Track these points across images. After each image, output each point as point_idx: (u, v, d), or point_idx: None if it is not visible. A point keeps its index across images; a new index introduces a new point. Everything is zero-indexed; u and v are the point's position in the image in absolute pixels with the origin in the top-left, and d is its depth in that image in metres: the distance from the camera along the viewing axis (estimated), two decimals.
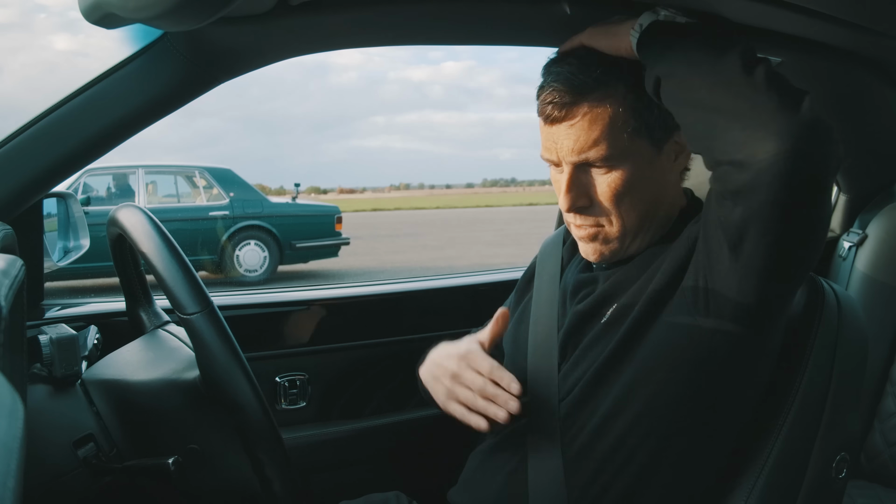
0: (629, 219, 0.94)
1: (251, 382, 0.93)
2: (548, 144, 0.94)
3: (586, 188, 0.93)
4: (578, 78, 0.90)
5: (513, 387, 0.88)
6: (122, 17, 0.78)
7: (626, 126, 0.90)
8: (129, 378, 1.02)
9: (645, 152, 0.93)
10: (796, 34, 1.29)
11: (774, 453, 0.95)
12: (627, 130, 0.91)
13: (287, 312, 1.43)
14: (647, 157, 0.93)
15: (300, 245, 7.71)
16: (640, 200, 0.94)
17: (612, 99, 0.90)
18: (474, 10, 1.10)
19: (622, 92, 0.90)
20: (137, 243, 0.96)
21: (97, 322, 1.21)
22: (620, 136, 0.90)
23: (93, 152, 1.08)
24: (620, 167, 0.91)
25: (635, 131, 0.91)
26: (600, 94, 0.89)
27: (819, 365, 0.98)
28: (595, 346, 0.95)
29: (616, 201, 0.92)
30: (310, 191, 24.66)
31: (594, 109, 0.89)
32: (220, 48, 1.07)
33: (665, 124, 0.93)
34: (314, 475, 1.38)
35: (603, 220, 0.95)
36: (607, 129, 0.89)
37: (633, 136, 0.91)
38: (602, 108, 0.89)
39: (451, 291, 1.60)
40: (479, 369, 0.91)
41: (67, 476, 0.94)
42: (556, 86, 0.90)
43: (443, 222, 18.10)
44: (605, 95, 0.89)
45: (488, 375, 0.90)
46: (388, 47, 1.21)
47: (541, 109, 0.93)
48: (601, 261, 0.99)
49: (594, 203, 0.94)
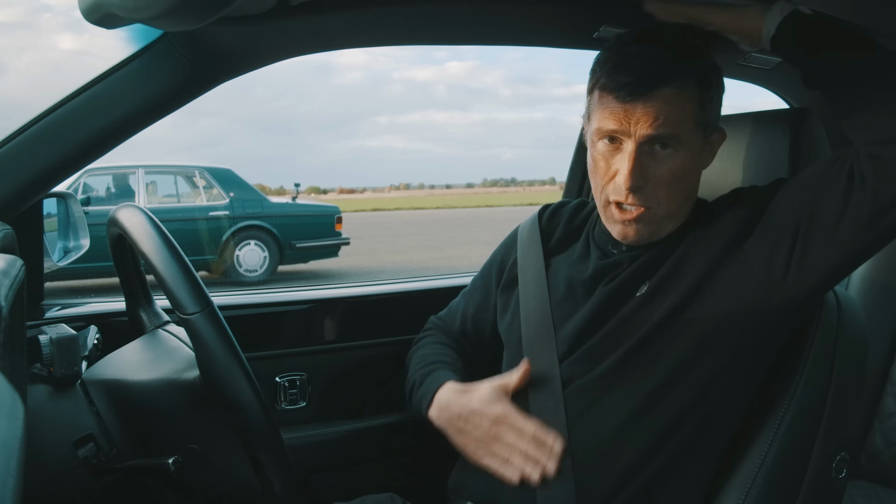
0: (675, 203, 0.98)
1: (251, 382, 0.93)
2: (616, 118, 0.94)
3: (646, 169, 0.95)
4: (663, 60, 0.92)
5: (556, 448, 0.92)
6: (122, 17, 0.79)
7: (694, 115, 0.95)
8: (129, 378, 1.01)
9: (698, 143, 0.97)
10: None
11: (773, 452, 0.95)
12: (695, 119, 0.95)
13: (287, 312, 1.43)
14: (698, 149, 0.98)
15: (300, 245, 7.71)
16: (685, 188, 0.98)
17: (690, 88, 0.94)
18: (475, 10, 1.10)
19: (696, 83, 0.94)
20: (137, 243, 0.96)
21: (97, 322, 1.21)
22: (690, 123, 0.94)
23: (93, 152, 1.08)
24: (681, 153, 0.95)
25: (698, 122, 0.96)
26: (682, 82, 0.93)
27: (819, 365, 0.98)
28: (634, 318, 0.97)
29: (670, 184, 0.96)
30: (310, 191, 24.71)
31: (676, 95, 0.92)
32: (220, 48, 1.07)
33: (714, 121, 0.99)
34: (314, 475, 1.38)
35: (652, 202, 0.96)
36: (683, 113, 0.93)
37: (696, 126, 0.96)
38: (682, 94, 0.93)
39: (451, 291, 1.59)
40: (521, 432, 0.95)
41: (67, 476, 0.94)
42: (641, 66, 0.92)
43: (443, 222, 18.11)
44: (684, 84, 0.93)
45: (532, 438, 0.94)
46: (394, 47, 1.21)
47: (616, 85, 0.93)
48: (636, 242, 1.01)
49: (647, 185, 0.95)
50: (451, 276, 1.67)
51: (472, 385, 1.02)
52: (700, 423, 0.94)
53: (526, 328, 1.06)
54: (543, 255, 1.12)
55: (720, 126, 1.02)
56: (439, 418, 1.04)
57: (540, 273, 1.09)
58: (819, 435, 0.97)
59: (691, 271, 0.96)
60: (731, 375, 0.94)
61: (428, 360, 1.16)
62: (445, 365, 1.12)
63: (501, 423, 0.96)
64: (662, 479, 0.93)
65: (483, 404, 0.98)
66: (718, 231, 0.97)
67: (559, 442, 0.92)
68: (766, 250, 0.93)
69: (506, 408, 0.97)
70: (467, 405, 1.00)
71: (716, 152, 1.03)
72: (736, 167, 1.15)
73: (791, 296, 0.92)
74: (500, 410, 0.97)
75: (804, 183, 0.93)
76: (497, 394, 0.98)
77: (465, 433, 1.00)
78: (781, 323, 0.95)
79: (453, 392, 1.03)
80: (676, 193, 0.97)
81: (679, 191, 0.97)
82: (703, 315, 0.93)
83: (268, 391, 1.39)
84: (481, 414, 0.98)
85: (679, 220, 1.01)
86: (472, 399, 1.00)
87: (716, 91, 0.98)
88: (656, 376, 0.94)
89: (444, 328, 1.27)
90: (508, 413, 0.96)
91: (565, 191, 1.71)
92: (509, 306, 1.13)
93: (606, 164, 0.97)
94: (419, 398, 1.09)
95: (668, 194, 0.96)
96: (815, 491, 0.96)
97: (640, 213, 0.96)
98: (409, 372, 1.17)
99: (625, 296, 0.99)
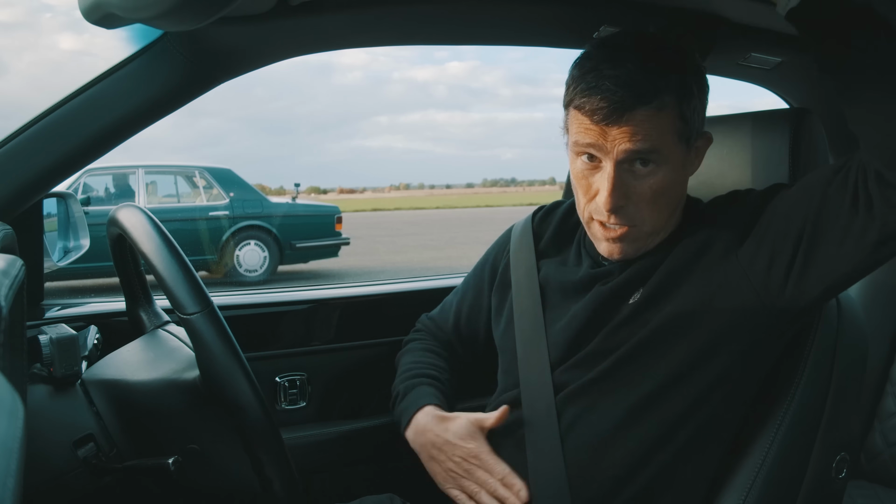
0: (660, 218, 0.96)
1: (251, 382, 0.93)
2: (592, 135, 0.91)
3: (627, 188, 0.93)
4: (637, 83, 0.88)
5: (521, 494, 0.93)
6: (121, 17, 0.79)
7: (675, 131, 0.92)
8: (129, 378, 1.01)
9: (681, 155, 0.94)
10: (796, 34, 1.29)
11: (773, 452, 0.95)
12: (676, 135, 0.92)
13: (287, 312, 1.43)
14: (681, 160, 0.95)
15: (300, 245, 7.71)
16: (670, 202, 0.96)
17: (668, 107, 0.90)
18: (475, 10, 1.10)
19: (675, 99, 0.91)
20: (137, 243, 0.96)
21: (97, 322, 1.21)
22: (670, 137, 0.92)
23: (93, 152, 1.08)
24: (663, 167, 0.92)
25: (680, 135, 0.93)
26: (657, 102, 0.89)
27: (819, 365, 0.98)
28: (627, 325, 0.96)
29: (653, 201, 0.94)
30: (310, 191, 24.64)
31: (653, 116, 0.89)
32: (220, 48, 1.07)
33: (699, 129, 0.96)
34: (314, 475, 1.38)
35: (637, 220, 0.95)
36: (662, 129, 0.90)
37: (678, 139, 0.93)
38: (660, 113, 0.90)
39: (450, 292, 1.60)
40: (491, 472, 0.96)
41: (67, 476, 0.93)
42: (615, 90, 0.88)
43: (443, 222, 18.10)
44: (662, 104, 0.90)
45: (500, 480, 0.95)
46: (394, 47, 1.21)
47: (590, 110, 0.90)
48: (622, 258, 0.99)
49: (630, 203, 0.94)
50: (451, 276, 1.67)
51: (450, 415, 1.03)
52: (698, 427, 0.93)
53: (520, 335, 1.06)
54: (535, 259, 1.11)
55: (705, 130, 0.99)
56: (414, 441, 1.06)
57: (532, 279, 1.09)
58: (819, 435, 0.97)
59: (685, 278, 0.94)
60: (728, 380, 0.94)
61: (414, 370, 1.16)
62: (430, 381, 1.13)
63: (473, 460, 0.97)
64: (660, 482, 0.93)
65: (457, 438, 0.99)
66: (713, 236, 0.96)
67: (524, 490, 0.93)
68: (763, 259, 0.91)
69: (479, 445, 0.98)
70: (442, 435, 1.01)
71: (703, 156, 1.00)
72: (736, 167, 1.15)
73: (788, 306, 0.91)
74: (474, 447, 0.98)
75: (805, 193, 0.89)
76: (472, 429, 0.99)
77: (436, 461, 1.02)
78: (777, 330, 0.94)
79: (431, 418, 1.04)
80: (661, 209, 0.95)
81: (664, 206, 0.95)
82: (698, 322, 0.92)
83: (268, 391, 1.39)
84: (454, 446, 0.99)
85: (668, 230, 1.00)
86: (448, 430, 1.01)
87: (698, 100, 0.94)
88: (651, 383, 0.93)
89: (436, 329, 1.27)
90: (481, 451, 0.97)
91: (565, 191, 1.71)
92: (503, 311, 1.13)
93: (587, 183, 0.95)
94: (399, 413, 1.11)
95: (651, 211, 0.94)
96: (815, 491, 0.96)
97: (624, 232, 0.95)
98: (396, 379, 1.18)
99: (617, 304, 0.98)
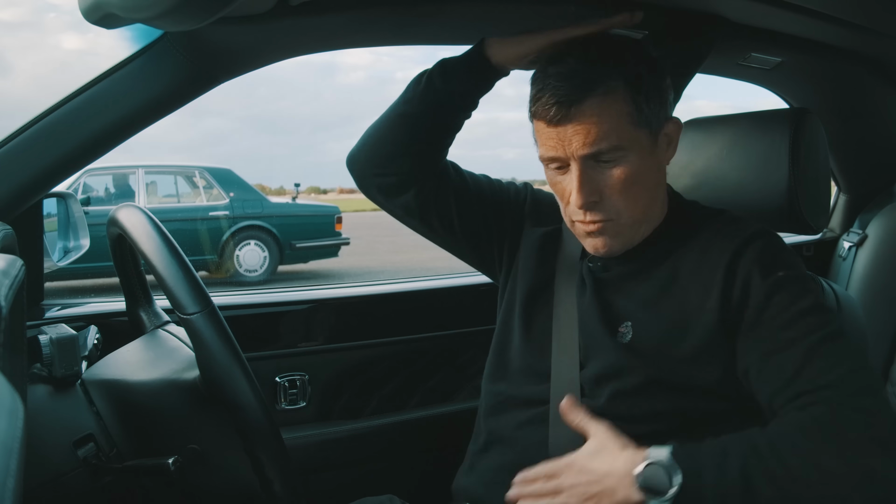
0: (637, 209, 0.96)
1: (251, 382, 0.93)
2: (552, 144, 0.94)
3: (596, 183, 0.94)
4: (581, 76, 0.90)
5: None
6: (122, 17, 0.79)
7: (630, 117, 0.92)
8: (129, 378, 1.02)
9: (645, 142, 0.95)
10: (796, 34, 1.29)
11: None
12: (631, 121, 0.92)
13: (287, 312, 1.43)
14: (648, 147, 0.95)
15: (300, 245, 7.70)
16: (645, 190, 0.96)
17: (616, 93, 0.91)
18: (476, 10, 1.10)
19: (623, 85, 0.92)
20: (137, 243, 0.96)
21: (97, 322, 1.21)
22: (626, 127, 0.92)
23: (93, 152, 1.09)
24: (627, 158, 0.93)
25: (637, 122, 0.93)
26: (604, 88, 0.90)
27: None
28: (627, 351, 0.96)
29: (624, 191, 0.94)
30: (310, 191, 24.57)
31: (601, 104, 0.90)
32: (220, 48, 1.07)
33: (658, 115, 0.96)
34: (314, 475, 1.38)
35: (612, 214, 0.96)
36: (614, 121, 0.91)
37: (636, 126, 0.93)
38: (608, 102, 0.91)
39: (451, 291, 1.60)
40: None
41: (67, 476, 0.94)
42: (559, 86, 0.91)
43: None
44: (609, 90, 0.91)
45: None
46: (397, 48, 1.21)
47: (542, 112, 0.92)
48: (609, 253, 0.99)
49: (603, 197, 0.95)
50: (451, 276, 1.67)
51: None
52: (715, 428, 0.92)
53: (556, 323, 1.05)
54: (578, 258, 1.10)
55: (673, 116, 1.00)
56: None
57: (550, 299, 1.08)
58: None
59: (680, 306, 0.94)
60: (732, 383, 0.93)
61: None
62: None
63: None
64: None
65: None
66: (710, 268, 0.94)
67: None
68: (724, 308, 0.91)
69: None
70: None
71: (676, 143, 1.00)
72: (736, 167, 1.15)
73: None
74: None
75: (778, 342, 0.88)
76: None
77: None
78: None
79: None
80: (636, 197, 0.95)
81: (638, 195, 0.95)
82: (696, 323, 0.93)
83: (268, 391, 1.39)
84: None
85: (652, 222, 1.00)
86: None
87: (651, 87, 0.94)
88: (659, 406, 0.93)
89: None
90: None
91: None
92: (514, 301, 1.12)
93: (561, 188, 0.97)
94: None
95: (626, 201, 0.95)
96: None
97: (602, 226, 0.96)
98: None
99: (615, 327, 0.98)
